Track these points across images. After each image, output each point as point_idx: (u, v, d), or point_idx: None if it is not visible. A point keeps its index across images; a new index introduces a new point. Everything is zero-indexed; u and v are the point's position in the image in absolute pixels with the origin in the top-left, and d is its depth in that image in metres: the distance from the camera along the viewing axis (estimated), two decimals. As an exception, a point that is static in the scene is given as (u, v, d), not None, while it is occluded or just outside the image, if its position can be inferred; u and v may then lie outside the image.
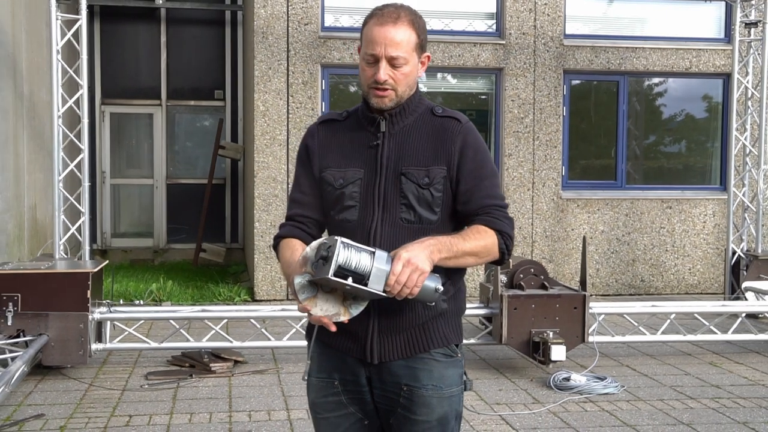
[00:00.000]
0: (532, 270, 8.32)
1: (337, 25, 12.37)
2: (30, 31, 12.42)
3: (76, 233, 9.56)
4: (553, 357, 7.73)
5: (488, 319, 8.47)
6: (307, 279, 2.80)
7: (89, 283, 7.57)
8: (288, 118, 11.96)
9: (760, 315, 10.18)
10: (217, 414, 6.70)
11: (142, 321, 8.83)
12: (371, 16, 3.03)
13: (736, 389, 7.61)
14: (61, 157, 9.25)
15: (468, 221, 3.07)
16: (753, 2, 11.50)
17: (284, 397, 7.18)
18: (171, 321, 8.56)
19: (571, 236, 12.73)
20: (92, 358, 7.83)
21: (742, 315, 9.34)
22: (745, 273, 11.23)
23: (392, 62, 2.97)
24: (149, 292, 11.83)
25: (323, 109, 12.08)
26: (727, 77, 13.03)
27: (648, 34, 13.23)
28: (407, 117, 3.08)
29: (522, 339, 8.05)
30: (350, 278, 2.71)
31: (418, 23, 3.03)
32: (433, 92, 12.71)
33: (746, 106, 11.88)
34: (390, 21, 2.97)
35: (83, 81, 9.34)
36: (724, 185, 13.00)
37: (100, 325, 8.06)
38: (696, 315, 9.28)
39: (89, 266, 8.10)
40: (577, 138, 13.16)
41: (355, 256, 2.73)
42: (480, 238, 2.97)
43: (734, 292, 11.34)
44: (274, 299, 11.89)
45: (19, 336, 7.38)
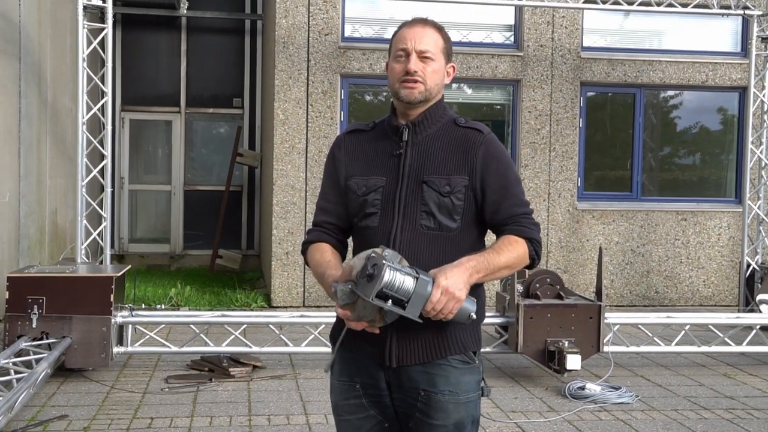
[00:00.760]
0: (548, 280, 8.40)
1: (356, 35, 12.49)
2: (54, 39, 12.58)
3: (97, 238, 9.69)
4: (568, 366, 7.81)
5: (504, 328, 8.55)
6: (350, 287, 2.86)
7: (112, 287, 7.69)
8: (307, 126, 12.07)
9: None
10: (236, 418, 6.81)
11: (163, 325, 8.94)
12: (401, 27, 3.20)
13: (750, 401, 7.67)
14: (84, 163, 9.37)
15: (497, 231, 3.19)
16: (770, 17, 11.57)
17: (302, 402, 7.27)
18: (191, 326, 8.67)
19: (586, 247, 12.80)
20: (114, 361, 7.96)
21: (757, 327, 9.39)
22: (759, 286, 11.26)
23: (422, 56, 3.11)
24: (169, 297, 11.94)
25: (342, 118, 12.20)
26: (743, 91, 13.10)
27: (664, 48, 13.30)
28: (430, 127, 3.18)
29: (537, 348, 8.12)
30: (390, 300, 2.79)
31: (443, 32, 3.21)
32: (451, 102, 12.80)
33: (762, 120, 11.94)
34: (419, 23, 3.17)
35: (108, 89, 9.47)
36: (739, 198, 13.04)
37: (121, 328, 8.19)
38: (710, 327, 9.34)
39: (112, 271, 8.22)
40: (593, 149, 13.23)
41: (399, 279, 2.80)
42: (513, 250, 3.09)
43: (748, 304, 11.37)
44: (291, 306, 11.99)
45: (43, 338, 7.51)
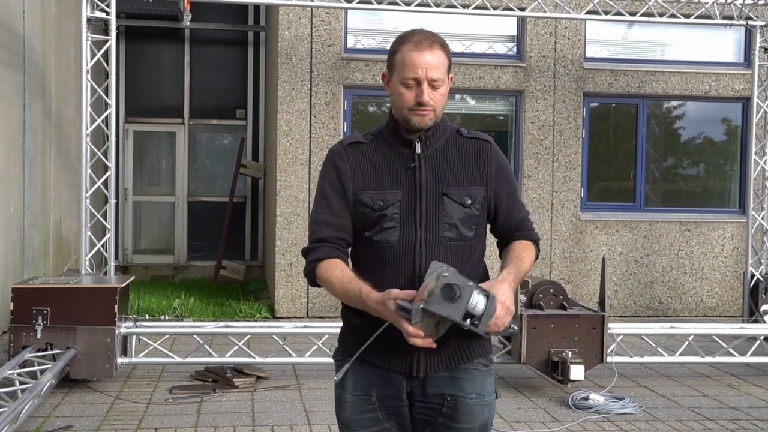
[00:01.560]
0: (552, 290, 8.40)
1: (359, 46, 12.53)
2: (58, 51, 12.64)
3: (101, 249, 9.71)
4: (571, 376, 7.80)
5: (507, 338, 8.55)
6: (421, 306, 2.82)
7: (116, 298, 7.70)
8: (310, 137, 12.10)
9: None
10: (240, 428, 6.81)
11: (167, 336, 8.95)
12: (403, 42, 3.12)
13: (754, 411, 7.66)
14: (88, 175, 9.40)
15: (507, 236, 3.32)
16: (772, 27, 11.59)
17: (306, 412, 7.27)
18: (195, 336, 8.68)
19: (590, 257, 12.81)
20: (118, 371, 7.97)
21: (761, 338, 9.39)
22: (763, 296, 11.24)
23: (432, 84, 3.09)
24: (173, 308, 11.96)
25: (345, 129, 12.22)
26: (746, 101, 13.11)
27: (667, 58, 13.34)
28: (438, 139, 3.19)
29: (541, 358, 8.13)
30: (468, 320, 2.83)
31: (446, 47, 3.17)
32: (454, 113, 12.83)
33: (765, 130, 11.95)
34: (426, 46, 3.08)
35: (111, 100, 9.49)
36: (742, 208, 13.04)
37: (125, 339, 8.20)
38: (714, 337, 9.34)
39: (116, 282, 8.24)
40: (596, 160, 13.24)
41: (476, 299, 2.83)
42: (529, 253, 3.26)
43: (752, 315, 11.36)
44: (294, 316, 12.00)
45: (47, 349, 7.52)
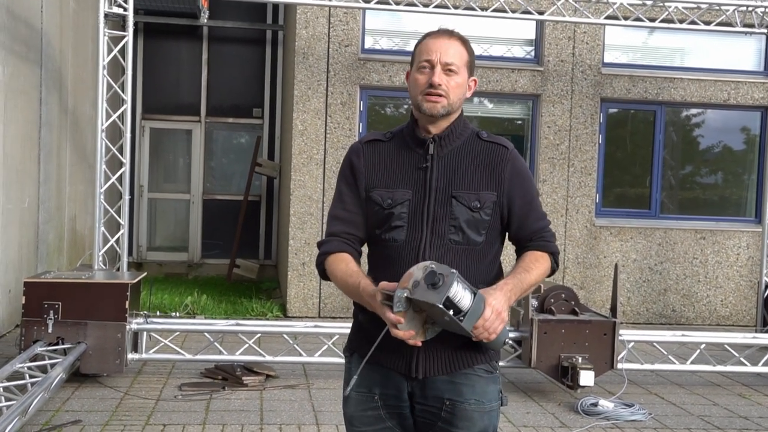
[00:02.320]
0: (563, 295, 8.37)
1: (376, 47, 12.52)
2: (76, 47, 12.68)
3: (114, 245, 9.73)
4: (581, 382, 7.77)
5: (518, 342, 8.53)
6: (406, 295, 2.84)
7: (128, 293, 7.71)
8: (326, 137, 12.10)
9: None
10: (248, 426, 6.81)
11: (178, 333, 8.96)
12: (425, 37, 3.19)
13: (764, 421, 7.61)
14: (103, 170, 9.43)
15: (521, 245, 3.26)
16: (792, 36, 11.54)
17: (314, 411, 7.27)
18: (205, 334, 8.69)
19: (604, 264, 12.76)
20: (128, 367, 7.97)
21: (773, 348, 9.34)
22: (777, 306, 11.20)
23: (446, 68, 3.10)
24: (185, 305, 11.98)
25: (360, 129, 12.22)
26: (765, 110, 13.06)
27: (686, 65, 13.28)
28: (455, 140, 3.18)
29: (551, 363, 8.10)
30: (451, 311, 2.81)
31: (468, 45, 3.20)
32: (470, 116, 12.79)
33: (783, 139, 11.90)
34: (445, 35, 3.16)
35: (127, 96, 9.53)
36: (759, 218, 12.98)
37: (136, 335, 8.22)
38: (726, 346, 9.29)
39: (128, 278, 8.26)
40: (612, 166, 13.20)
41: (461, 292, 2.83)
42: (540, 266, 3.18)
43: (766, 324, 11.29)
44: (306, 316, 12.00)
45: (58, 343, 7.53)
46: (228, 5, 14.75)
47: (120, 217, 9.66)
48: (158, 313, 11.02)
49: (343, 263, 3.15)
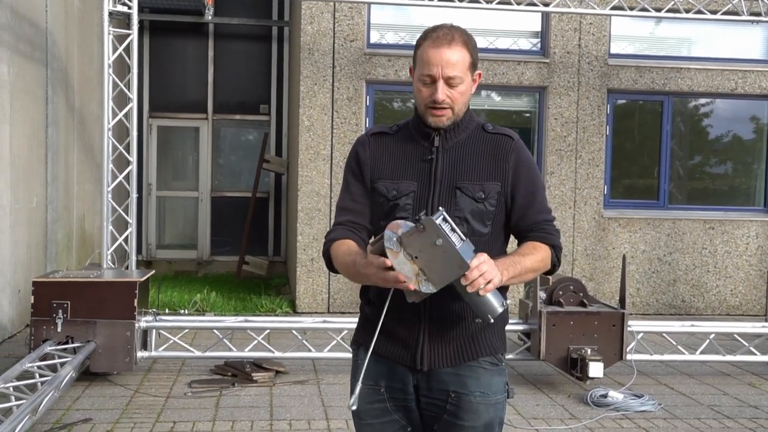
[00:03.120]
0: (572, 287, 8.36)
1: (382, 42, 12.51)
2: (81, 45, 12.70)
3: (123, 243, 9.76)
4: (590, 374, 7.77)
5: (527, 334, 8.52)
6: (396, 237, 2.78)
7: (136, 292, 7.73)
8: (332, 133, 12.10)
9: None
10: (258, 422, 6.82)
11: (187, 330, 8.98)
12: (425, 38, 3.11)
13: (774, 410, 7.61)
14: (110, 169, 9.45)
15: (521, 236, 3.21)
16: (799, 24, 11.49)
17: (324, 407, 7.28)
18: (215, 330, 8.71)
19: (612, 255, 12.74)
20: (138, 365, 7.99)
21: (783, 337, 9.31)
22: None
23: (449, 82, 3.05)
24: (193, 302, 12.00)
25: (367, 124, 12.21)
26: (772, 99, 13.04)
27: (693, 55, 13.23)
28: (460, 133, 3.17)
29: (560, 355, 8.09)
30: (441, 240, 2.73)
31: (470, 43, 3.12)
32: (477, 109, 12.77)
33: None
34: (445, 43, 3.05)
35: (133, 95, 9.54)
36: (767, 207, 12.96)
37: (145, 333, 8.23)
38: (735, 336, 9.26)
39: (136, 276, 8.27)
40: (620, 157, 13.17)
41: (449, 231, 2.77)
42: (537, 254, 3.11)
43: (776, 313, 11.27)
44: (316, 312, 12.00)
45: (68, 342, 7.55)
46: (233, 2, 14.79)
47: (128, 216, 9.68)
48: (167, 310, 11.06)
49: (344, 246, 3.14)
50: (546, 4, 11.13)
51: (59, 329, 7.58)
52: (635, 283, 12.74)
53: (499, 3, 10.67)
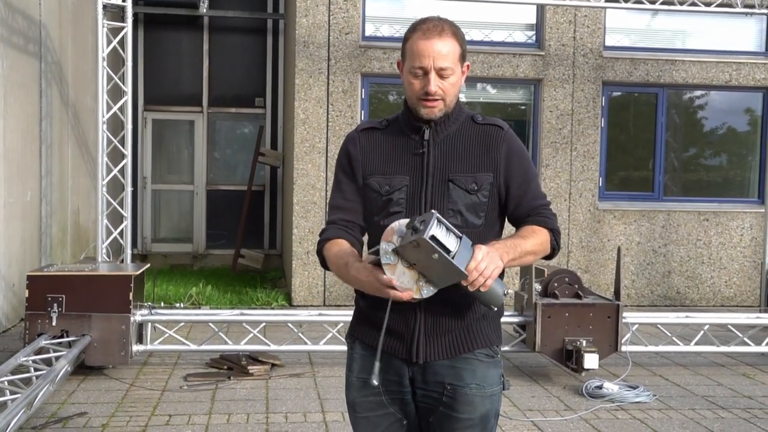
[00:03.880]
0: (567, 279, 8.38)
1: (377, 34, 12.50)
2: (75, 39, 12.67)
3: (118, 237, 9.75)
4: (585, 365, 7.79)
5: (522, 326, 8.53)
6: (392, 248, 2.80)
7: (131, 285, 7.73)
8: (328, 126, 12.10)
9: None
10: (254, 415, 6.83)
11: (182, 324, 8.98)
12: (414, 31, 3.10)
13: (769, 401, 7.64)
14: (105, 162, 9.43)
15: (518, 223, 3.21)
16: (793, 16, 11.49)
17: (320, 399, 7.29)
18: (210, 324, 8.71)
19: (607, 247, 12.76)
20: (133, 359, 8.00)
21: (777, 327, 9.34)
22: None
23: (440, 73, 3.05)
24: (189, 295, 12.00)
25: (362, 117, 12.21)
26: (767, 91, 13.03)
27: (687, 47, 13.24)
28: (450, 125, 3.17)
29: (555, 347, 8.11)
30: (440, 247, 2.74)
31: (459, 35, 3.11)
32: (472, 102, 12.79)
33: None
34: (435, 34, 3.04)
35: (128, 88, 9.52)
36: (762, 198, 12.99)
37: (141, 326, 8.24)
38: (730, 326, 9.28)
39: (131, 269, 8.27)
40: (615, 149, 13.18)
41: (445, 234, 2.77)
42: (536, 237, 3.12)
43: (770, 305, 11.30)
44: (311, 305, 12.01)
45: (63, 336, 7.55)
46: (227, -5, 14.75)
47: (123, 210, 9.67)
48: (163, 304, 11.06)
49: (336, 246, 3.14)
50: (540, -3, 11.13)
51: (54, 323, 7.58)
52: (630, 274, 12.76)
53: (493, -5, 10.67)
